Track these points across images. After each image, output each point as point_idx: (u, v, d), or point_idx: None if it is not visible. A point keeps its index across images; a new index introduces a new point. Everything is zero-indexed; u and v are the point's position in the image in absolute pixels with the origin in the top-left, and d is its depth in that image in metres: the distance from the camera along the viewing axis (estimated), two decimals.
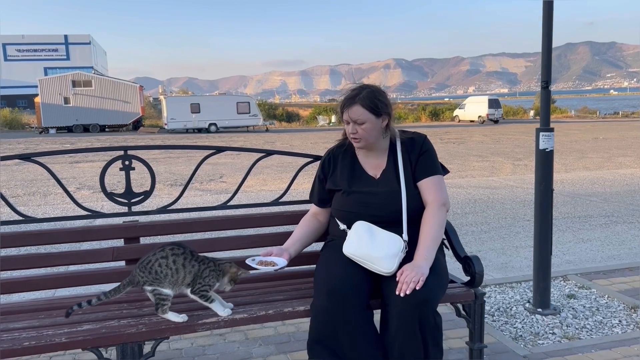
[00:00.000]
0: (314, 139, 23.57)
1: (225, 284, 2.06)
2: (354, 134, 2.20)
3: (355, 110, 2.16)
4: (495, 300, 3.51)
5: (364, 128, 2.17)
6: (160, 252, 1.98)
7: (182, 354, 2.80)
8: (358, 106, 2.16)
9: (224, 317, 2.01)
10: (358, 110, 2.16)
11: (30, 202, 8.49)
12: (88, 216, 2.40)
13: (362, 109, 2.15)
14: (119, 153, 2.44)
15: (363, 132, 2.18)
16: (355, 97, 2.18)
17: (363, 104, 2.15)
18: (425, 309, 1.96)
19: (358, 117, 2.16)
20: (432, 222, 2.16)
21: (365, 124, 2.17)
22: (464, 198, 8.02)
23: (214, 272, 2.01)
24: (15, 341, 1.83)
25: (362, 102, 2.16)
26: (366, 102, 2.16)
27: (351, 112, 2.17)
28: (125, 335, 1.90)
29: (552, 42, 3.14)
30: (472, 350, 2.32)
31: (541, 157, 3.20)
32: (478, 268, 2.24)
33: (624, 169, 11.53)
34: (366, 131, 2.18)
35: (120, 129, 34.35)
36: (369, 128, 2.18)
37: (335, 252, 2.21)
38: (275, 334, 3.02)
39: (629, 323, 3.12)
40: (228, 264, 2.07)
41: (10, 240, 2.26)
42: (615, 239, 5.48)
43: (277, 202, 2.71)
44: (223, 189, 9.63)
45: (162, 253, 1.98)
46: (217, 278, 2.03)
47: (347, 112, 2.18)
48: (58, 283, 2.33)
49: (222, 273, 2.04)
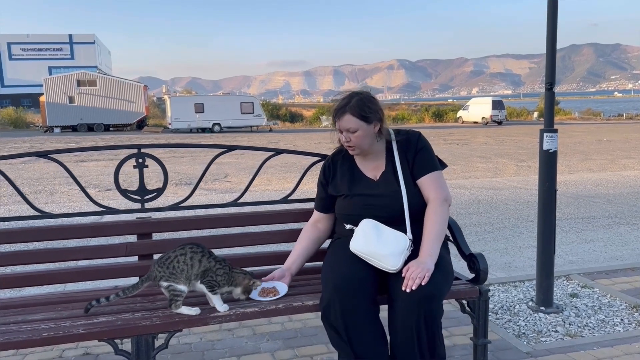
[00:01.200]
0: (318, 139, 23.63)
1: (239, 294, 2.13)
2: (347, 142, 2.26)
3: (346, 120, 2.22)
4: (499, 299, 3.56)
5: (357, 136, 2.23)
6: (180, 250, 2.05)
7: (191, 349, 2.86)
8: (349, 115, 2.21)
9: (222, 312, 2.07)
10: (349, 120, 2.21)
11: (37, 201, 8.56)
12: (102, 212, 2.47)
13: (353, 118, 2.21)
14: (132, 151, 2.49)
15: (356, 139, 2.24)
16: (345, 106, 2.23)
17: (353, 113, 2.21)
18: (431, 304, 2.02)
19: (350, 126, 2.22)
20: (434, 218, 2.21)
21: (358, 131, 2.22)
22: (468, 199, 8.06)
23: (226, 274, 2.08)
24: (35, 332, 1.89)
25: (352, 111, 2.21)
26: (356, 111, 2.21)
27: (343, 121, 2.23)
28: (140, 327, 1.95)
29: (557, 43, 3.19)
30: (476, 345, 2.37)
31: (545, 157, 3.25)
32: (482, 265, 2.29)
33: (627, 170, 11.56)
34: (359, 138, 2.24)
35: (124, 128, 34.50)
36: (361, 135, 2.23)
37: (342, 250, 2.26)
38: (283, 330, 3.08)
39: (631, 322, 3.16)
40: (242, 275, 2.13)
41: (28, 235, 2.33)
42: (618, 239, 5.51)
43: (286, 200, 2.76)
44: (228, 188, 9.69)
45: (182, 251, 2.05)
46: (227, 281, 2.09)
47: (339, 122, 2.24)
48: (73, 277, 2.39)
49: (235, 283, 2.11)
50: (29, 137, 26.48)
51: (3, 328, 1.94)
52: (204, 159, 15.05)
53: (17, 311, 2.15)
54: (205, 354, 2.80)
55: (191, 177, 10.85)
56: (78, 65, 54.70)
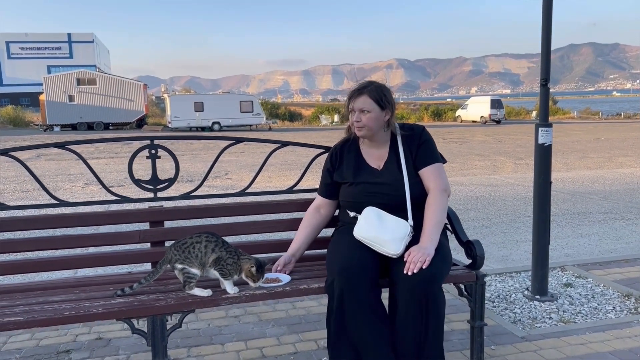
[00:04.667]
0: (317, 137, 23.74)
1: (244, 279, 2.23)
2: (357, 122, 2.38)
3: (362, 100, 2.36)
4: (496, 288, 3.68)
5: (368, 117, 2.36)
6: (196, 237, 2.18)
7: (199, 334, 2.97)
8: (365, 96, 2.36)
9: (232, 294, 2.19)
10: (365, 100, 2.36)
11: (41, 197, 8.66)
12: (117, 201, 2.58)
13: (369, 99, 2.36)
14: (145, 142, 2.60)
15: (367, 120, 2.37)
16: (363, 89, 2.39)
17: (370, 95, 2.37)
18: (432, 286, 2.14)
19: (364, 106, 2.36)
20: (434, 207, 2.33)
21: (370, 113, 2.36)
22: (466, 195, 8.18)
23: (235, 264, 2.20)
24: (57, 311, 2.00)
25: (369, 93, 2.37)
26: (373, 94, 2.37)
27: (358, 101, 2.37)
28: (155, 308, 2.07)
29: (552, 40, 3.31)
30: (473, 327, 2.49)
31: (540, 151, 3.37)
32: (479, 251, 2.41)
33: (624, 168, 11.69)
34: (370, 120, 2.37)
35: (124, 126, 34.56)
36: (372, 117, 2.37)
37: (346, 236, 2.38)
38: (287, 317, 3.19)
39: (623, 309, 3.28)
40: (246, 259, 2.23)
41: (46, 222, 2.44)
42: (613, 234, 5.64)
43: (291, 190, 2.88)
44: (229, 185, 9.80)
45: (198, 238, 2.18)
46: (236, 270, 2.21)
47: (354, 102, 2.38)
48: (89, 263, 2.51)
49: (241, 270, 2.22)
50: (29, 136, 26.54)
51: (27, 308, 2.05)
52: (204, 157, 15.15)
53: (37, 293, 2.26)
54: (214, 338, 2.91)
55: (192, 175, 10.96)
56: (77, 64, 54.67)
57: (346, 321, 2.18)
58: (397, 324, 2.18)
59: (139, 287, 2.19)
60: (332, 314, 2.21)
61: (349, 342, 2.21)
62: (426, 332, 2.16)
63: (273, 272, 2.40)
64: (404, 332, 2.16)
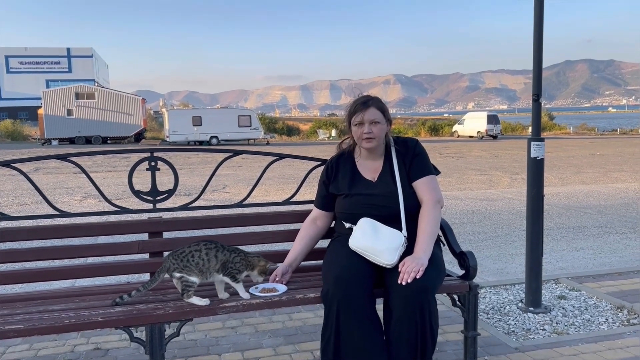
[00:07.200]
0: (315, 151, 23.83)
1: (256, 276, 2.31)
2: (369, 133, 2.42)
3: (372, 112, 2.42)
4: (490, 300, 3.71)
5: (379, 128, 2.43)
6: (194, 246, 2.23)
7: (196, 344, 3.00)
8: (373, 108, 2.42)
9: (244, 299, 2.23)
10: (375, 112, 2.42)
11: (38, 210, 8.68)
12: (116, 212, 2.63)
13: (377, 111, 2.43)
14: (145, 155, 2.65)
15: (378, 131, 2.43)
16: (368, 101, 2.45)
17: (377, 107, 2.43)
18: (425, 295, 2.18)
19: (375, 117, 2.42)
20: (428, 218, 2.38)
21: (379, 124, 2.43)
22: (462, 209, 8.24)
23: (243, 260, 2.26)
24: (57, 319, 2.04)
25: (376, 105, 2.44)
26: (379, 106, 2.45)
27: (368, 113, 2.41)
28: (154, 316, 2.11)
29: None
30: (466, 337, 2.53)
31: (532, 164, 3.44)
32: (472, 262, 2.46)
33: (619, 183, 11.77)
34: (380, 131, 2.44)
35: (122, 141, 34.63)
36: (382, 129, 2.44)
37: (342, 246, 2.42)
38: (284, 327, 3.22)
39: (615, 321, 3.32)
40: (257, 257, 2.31)
41: (45, 232, 2.49)
42: (607, 248, 5.68)
43: (288, 202, 2.93)
44: (227, 198, 9.83)
45: (197, 247, 2.22)
46: (245, 267, 2.27)
47: (363, 114, 2.42)
48: (88, 273, 2.54)
49: (252, 265, 2.28)
50: (27, 149, 26.60)
51: (27, 316, 2.09)
52: (202, 171, 15.21)
53: (37, 302, 2.30)
54: (211, 349, 2.94)
55: (190, 189, 10.99)
56: (76, 78, 54.93)
57: (341, 330, 2.22)
58: (391, 333, 2.22)
59: (136, 295, 2.23)
60: (328, 323, 2.25)
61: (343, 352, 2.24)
62: (420, 341, 2.20)
63: (270, 282, 2.45)
64: (398, 341, 2.20)
